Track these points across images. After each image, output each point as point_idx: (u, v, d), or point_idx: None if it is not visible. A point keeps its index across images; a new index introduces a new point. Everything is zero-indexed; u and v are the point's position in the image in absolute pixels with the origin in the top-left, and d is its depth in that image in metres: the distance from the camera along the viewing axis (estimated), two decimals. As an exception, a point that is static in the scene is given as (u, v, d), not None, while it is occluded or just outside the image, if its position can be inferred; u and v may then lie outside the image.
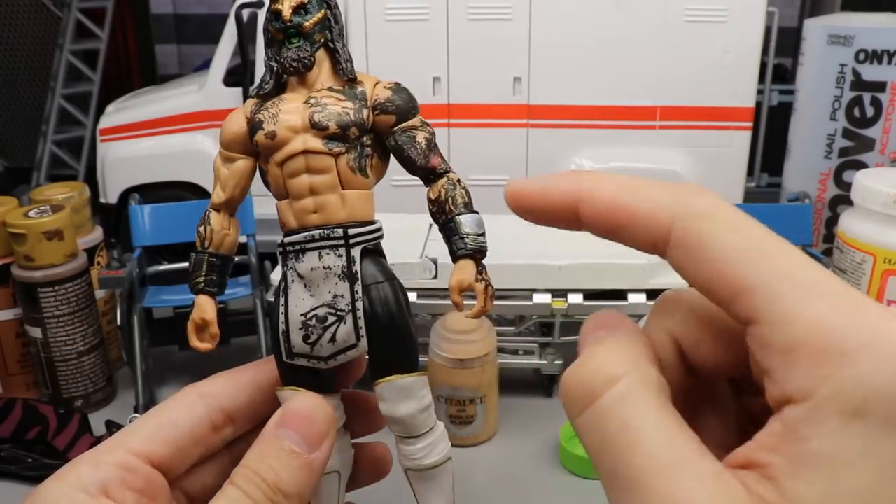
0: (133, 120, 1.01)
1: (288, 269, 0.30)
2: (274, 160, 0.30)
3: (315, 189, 0.29)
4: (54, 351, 0.67)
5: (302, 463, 0.28)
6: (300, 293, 0.30)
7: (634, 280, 0.66)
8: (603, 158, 0.93)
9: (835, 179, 0.84)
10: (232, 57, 0.97)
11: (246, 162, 0.31)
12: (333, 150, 0.29)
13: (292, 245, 0.30)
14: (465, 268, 0.31)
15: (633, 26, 0.88)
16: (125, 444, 0.28)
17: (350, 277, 0.29)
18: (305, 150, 0.29)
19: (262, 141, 0.30)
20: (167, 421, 0.29)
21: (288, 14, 0.29)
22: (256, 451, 0.28)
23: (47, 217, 0.65)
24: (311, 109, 0.29)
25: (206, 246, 0.31)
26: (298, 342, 0.30)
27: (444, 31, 0.90)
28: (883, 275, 0.69)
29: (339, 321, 0.29)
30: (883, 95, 0.80)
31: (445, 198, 0.31)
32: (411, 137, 0.30)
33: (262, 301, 0.70)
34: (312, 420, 0.28)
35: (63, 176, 1.24)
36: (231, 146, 0.31)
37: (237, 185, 0.31)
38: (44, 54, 1.37)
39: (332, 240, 0.29)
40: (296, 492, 0.27)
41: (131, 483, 0.27)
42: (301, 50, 0.30)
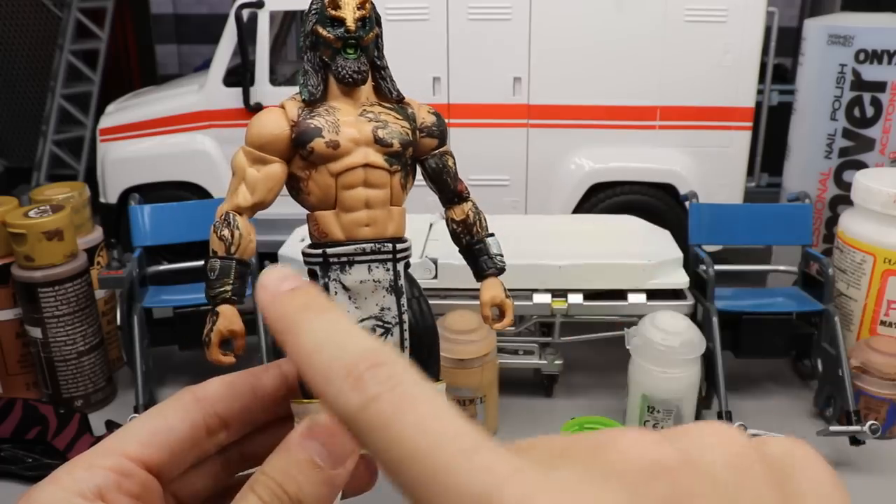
0: (133, 120, 1.01)
1: (330, 280, 0.30)
2: (329, 170, 0.29)
3: (370, 203, 0.30)
4: (54, 351, 0.67)
5: (325, 478, 0.27)
6: (345, 305, 0.30)
7: (634, 280, 0.66)
8: (603, 158, 0.93)
9: (835, 179, 0.84)
10: (232, 57, 0.97)
11: (281, 166, 0.30)
12: (392, 167, 0.30)
13: (338, 256, 0.30)
14: (495, 285, 0.33)
15: (633, 27, 0.88)
16: (121, 447, 0.28)
17: (397, 291, 0.30)
18: (367, 164, 0.29)
19: (322, 149, 0.29)
20: (163, 425, 0.29)
21: (353, 25, 0.30)
22: (279, 460, 0.27)
23: (47, 217, 0.65)
24: (374, 125, 0.30)
25: (233, 252, 0.31)
26: None
27: (444, 31, 0.90)
28: (883, 275, 0.69)
29: (387, 333, 0.30)
30: (883, 95, 0.80)
31: (473, 220, 0.33)
32: (445, 163, 0.32)
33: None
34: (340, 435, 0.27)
35: (63, 176, 1.24)
36: (266, 147, 0.30)
37: (270, 190, 0.30)
38: (44, 54, 1.37)
39: (382, 254, 0.30)
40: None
41: (127, 488, 0.27)
42: (360, 63, 0.30)
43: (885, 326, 0.70)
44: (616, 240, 0.72)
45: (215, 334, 0.30)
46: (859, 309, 0.71)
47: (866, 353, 0.64)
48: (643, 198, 0.94)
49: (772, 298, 0.71)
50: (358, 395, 0.18)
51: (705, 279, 0.67)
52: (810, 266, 0.71)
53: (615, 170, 0.93)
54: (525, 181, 0.95)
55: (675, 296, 0.67)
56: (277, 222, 0.93)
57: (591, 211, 0.94)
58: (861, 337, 0.71)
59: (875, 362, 0.64)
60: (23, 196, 0.82)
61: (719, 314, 0.65)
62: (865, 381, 0.64)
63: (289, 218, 0.95)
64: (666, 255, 0.68)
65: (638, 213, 0.83)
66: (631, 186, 0.94)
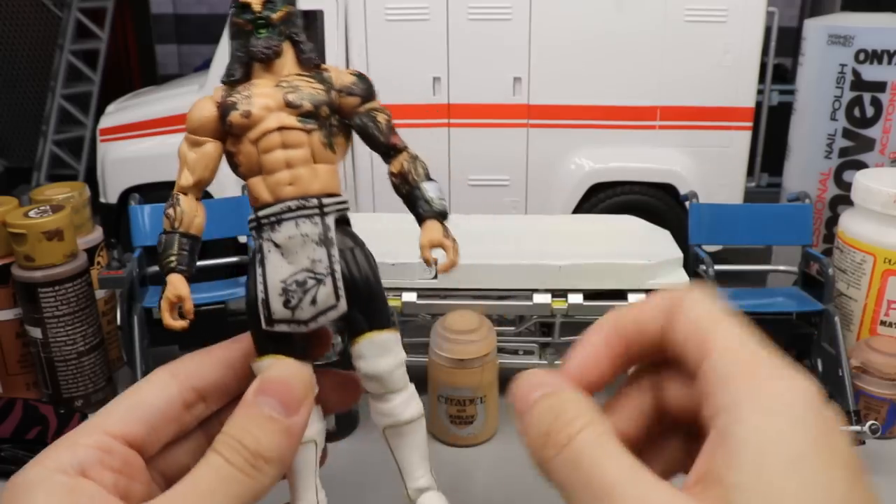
0: (133, 120, 1.01)
1: (263, 240, 0.32)
2: (248, 138, 0.32)
3: (290, 163, 0.32)
4: (54, 351, 0.67)
5: (281, 428, 0.28)
6: (277, 262, 0.31)
7: (634, 280, 0.66)
8: (603, 158, 0.93)
9: (835, 179, 0.84)
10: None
11: (214, 145, 0.33)
12: (307, 126, 0.32)
13: (268, 217, 0.32)
14: (433, 227, 0.33)
15: (633, 26, 0.88)
16: (101, 425, 0.29)
17: (327, 242, 0.31)
18: (281, 127, 0.31)
19: (237, 120, 0.32)
20: (140, 401, 0.30)
21: (258, 7, 0.32)
22: (237, 418, 0.28)
23: (47, 217, 0.65)
24: (285, 90, 0.32)
25: (177, 226, 0.33)
26: (279, 308, 0.31)
27: (444, 31, 0.90)
28: (883, 275, 0.69)
29: (319, 284, 0.31)
30: (883, 95, 0.80)
31: (407, 169, 0.34)
32: (373, 118, 0.33)
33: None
34: (290, 386, 0.29)
35: (63, 176, 1.24)
36: (199, 131, 0.33)
37: (206, 167, 0.33)
38: (44, 54, 1.37)
39: (308, 209, 0.31)
40: (276, 456, 0.28)
41: (109, 463, 0.28)
42: (270, 39, 0.32)
43: (885, 326, 0.70)
44: (616, 240, 0.72)
45: (164, 301, 0.32)
46: (859, 309, 0.71)
47: (866, 353, 0.64)
48: (643, 198, 0.94)
49: (772, 298, 0.71)
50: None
51: (705, 279, 0.67)
52: (810, 266, 0.71)
53: (615, 170, 0.93)
54: (525, 181, 0.95)
55: (675, 296, 0.67)
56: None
57: (591, 211, 0.94)
58: (861, 337, 0.71)
59: (875, 362, 0.64)
60: (23, 196, 0.82)
61: (719, 314, 0.65)
62: (865, 381, 0.64)
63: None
64: (666, 255, 0.68)
65: (638, 213, 0.83)
66: (631, 186, 0.94)
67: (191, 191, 0.33)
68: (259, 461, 0.27)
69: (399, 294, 0.66)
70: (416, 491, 0.34)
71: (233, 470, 0.27)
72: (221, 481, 0.27)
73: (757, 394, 0.23)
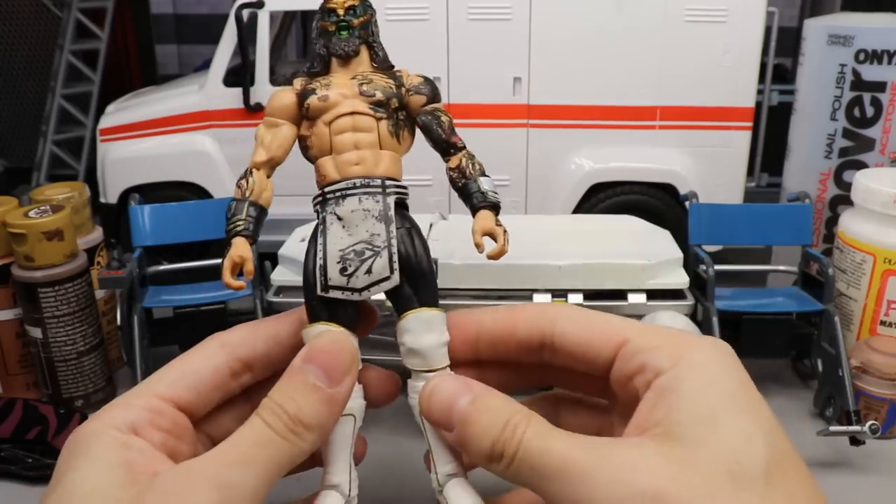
0: (133, 120, 1.01)
1: (327, 213, 0.34)
2: (323, 120, 0.35)
3: (358, 145, 0.35)
4: (54, 351, 0.67)
5: (323, 397, 0.30)
6: (339, 232, 0.34)
7: (634, 280, 0.66)
8: (603, 158, 0.93)
9: (835, 179, 0.84)
10: (232, 57, 0.97)
11: (290, 128, 0.36)
12: (377, 114, 0.35)
13: (334, 192, 0.34)
14: (486, 217, 0.36)
15: (633, 26, 0.88)
16: (153, 389, 0.31)
17: (386, 219, 0.34)
18: (353, 112, 0.35)
19: (315, 103, 0.35)
20: (190, 369, 0.32)
21: (342, 12, 0.36)
22: (282, 384, 0.30)
23: (47, 217, 0.65)
24: (360, 81, 0.36)
25: (248, 195, 0.35)
26: (335, 274, 0.33)
27: (444, 31, 0.90)
28: (883, 275, 0.69)
29: (376, 255, 0.34)
30: (883, 95, 0.80)
31: (465, 165, 0.37)
32: (437, 117, 0.37)
33: (262, 301, 0.70)
34: (336, 356, 0.31)
35: (63, 176, 1.24)
36: (277, 114, 0.36)
37: (280, 146, 0.36)
38: (44, 54, 1.37)
39: (371, 188, 0.34)
40: (316, 423, 0.29)
41: (159, 423, 0.30)
42: (350, 40, 0.36)
43: (885, 326, 0.70)
44: (616, 240, 0.72)
45: (228, 260, 0.34)
46: (859, 309, 0.71)
47: (866, 353, 0.64)
48: (643, 198, 0.94)
49: (772, 298, 0.71)
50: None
51: (705, 279, 0.67)
52: (810, 266, 0.71)
53: (615, 170, 0.93)
54: (525, 181, 0.95)
55: (675, 296, 0.67)
56: (277, 222, 0.93)
57: (591, 211, 0.94)
58: (861, 337, 0.71)
59: (875, 362, 0.64)
60: (23, 196, 0.82)
61: (719, 314, 0.65)
62: (865, 381, 0.64)
63: (289, 218, 0.95)
64: (666, 255, 0.68)
65: (638, 213, 0.83)
66: (631, 186, 0.94)
67: (263, 167, 0.36)
68: (299, 427, 0.29)
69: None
70: (445, 476, 0.34)
71: (272, 433, 0.28)
72: (260, 443, 0.28)
73: (683, 358, 0.28)
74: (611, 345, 0.30)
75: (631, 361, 0.29)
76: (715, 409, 0.26)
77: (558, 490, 0.26)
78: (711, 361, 0.28)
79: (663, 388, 0.28)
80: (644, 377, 0.29)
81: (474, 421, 0.29)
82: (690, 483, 0.25)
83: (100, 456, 0.28)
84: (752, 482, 0.25)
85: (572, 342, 0.32)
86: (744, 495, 0.24)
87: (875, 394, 0.64)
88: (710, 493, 0.24)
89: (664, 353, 0.29)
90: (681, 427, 0.26)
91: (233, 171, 0.97)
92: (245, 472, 0.27)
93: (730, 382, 0.28)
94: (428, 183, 0.92)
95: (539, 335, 0.33)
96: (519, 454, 0.27)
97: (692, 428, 0.26)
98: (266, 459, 0.28)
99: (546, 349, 0.33)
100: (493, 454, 0.28)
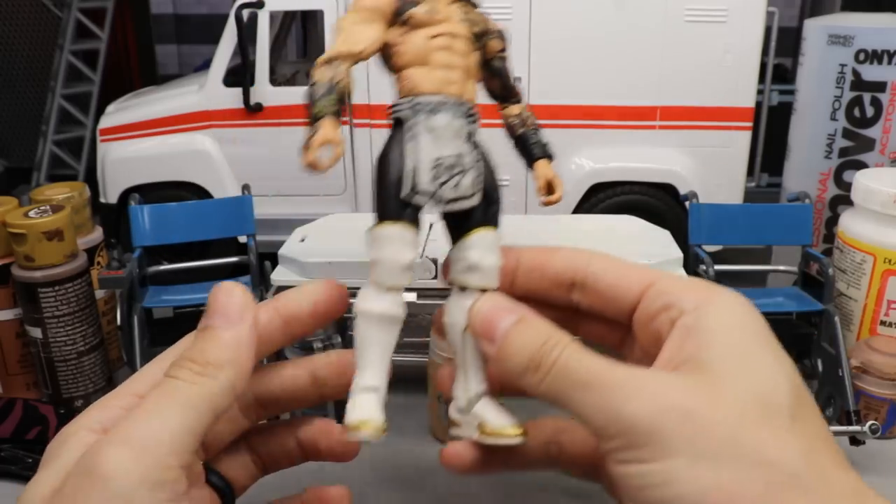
0: (133, 120, 1.01)
1: (418, 122, 0.34)
2: (425, 33, 0.35)
3: (452, 66, 0.35)
4: (54, 351, 0.67)
5: (225, 335, 0.31)
6: (430, 143, 0.34)
7: (634, 280, 0.66)
8: (603, 158, 0.93)
9: (835, 179, 0.84)
10: (232, 57, 0.97)
11: (380, 27, 0.35)
12: (475, 44, 0.36)
13: (428, 103, 0.34)
14: (546, 165, 0.40)
15: (633, 27, 0.89)
16: (132, 389, 0.31)
17: (472, 142, 0.35)
18: (454, 34, 0.35)
19: (421, 15, 0.35)
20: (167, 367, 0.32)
21: None
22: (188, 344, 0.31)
23: (47, 217, 0.65)
24: (464, 10, 0.36)
25: (335, 81, 0.34)
26: (426, 180, 0.33)
27: (444, 31, 0.90)
28: (883, 275, 0.69)
29: (464, 173, 0.34)
30: (883, 95, 0.80)
31: (527, 115, 0.40)
32: (507, 65, 0.39)
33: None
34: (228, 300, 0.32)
35: (63, 176, 1.24)
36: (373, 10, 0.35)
37: (373, 44, 0.35)
38: (44, 54, 1.37)
39: (461, 109, 0.35)
40: (225, 360, 0.30)
41: None
42: None
43: (885, 326, 0.70)
44: (616, 240, 0.72)
45: (317, 138, 0.33)
46: (859, 309, 0.71)
47: (866, 353, 0.64)
48: (643, 198, 0.94)
49: (772, 298, 0.71)
50: None
51: (705, 279, 0.67)
52: (810, 266, 0.71)
53: (615, 170, 0.94)
54: (525, 181, 0.95)
55: (675, 296, 0.67)
56: (278, 222, 0.93)
57: (591, 211, 0.95)
58: (861, 337, 0.71)
59: (875, 362, 0.64)
60: (23, 196, 0.82)
61: (719, 314, 0.65)
62: (865, 381, 0.64)
63: (289, 218, 0.95)
64: (666, 255, 0.68)
65: (638, 213, 0.83)
66: (631, 186, 0.94)
67: (350, 59, 0.35)
68: (207, 367, 0.29)
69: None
70: (476, 396, 0.35)
71: (178, 382, 0.29)
72: (166, 392, 0.28)
73: (709, 301, 0.29)
74: (639, 286, 0.32)
75: (657, 301, 0.31)
76: (744, 347, 0.28)
77: (589, 399, 0.27)
78: (735, 306, 0.29)
79: (690, 327, 0.28)
80: (669, 315, 0.30)
81: (518, 333, 0.30)
82: (723, 407, 0.26)
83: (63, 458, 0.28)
84: (780, 416, 0.26)
85: (603, 281, 0.33)
86: (775, 423, 0.26)
87: (875, 394, 0.64)
88: (741, 419, 0.26)
89: (690, 296, 0.30)
90: (711, 362, 0.27)
91: (233, 170, 0.97)
92: (155, 426, 0.27)
93: (754, 325, 0.29)
94: (428, 183, 0.92)
95: (573, 272, 0.34)
96: (557, 365, 0.28)
97: (722, 363, 0.27)
98: (177, 407, 0.28)
99: (576, 288, 0.34)
100: (530, 365, 0.29)
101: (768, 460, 0.25)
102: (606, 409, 0.27)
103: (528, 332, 0.30)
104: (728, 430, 0.25)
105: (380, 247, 0.33)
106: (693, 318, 0.29)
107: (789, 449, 0.25)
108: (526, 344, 0.30)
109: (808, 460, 0.25)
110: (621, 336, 0.34)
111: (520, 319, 0.30)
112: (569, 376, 0.28)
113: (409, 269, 0.33)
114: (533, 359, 0.29)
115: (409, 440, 0.65)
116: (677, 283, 0.31)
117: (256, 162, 0.95)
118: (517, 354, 0.30)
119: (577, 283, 0.34)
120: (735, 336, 0.28)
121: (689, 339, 0.28)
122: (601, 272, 0.33)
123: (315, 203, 1.02)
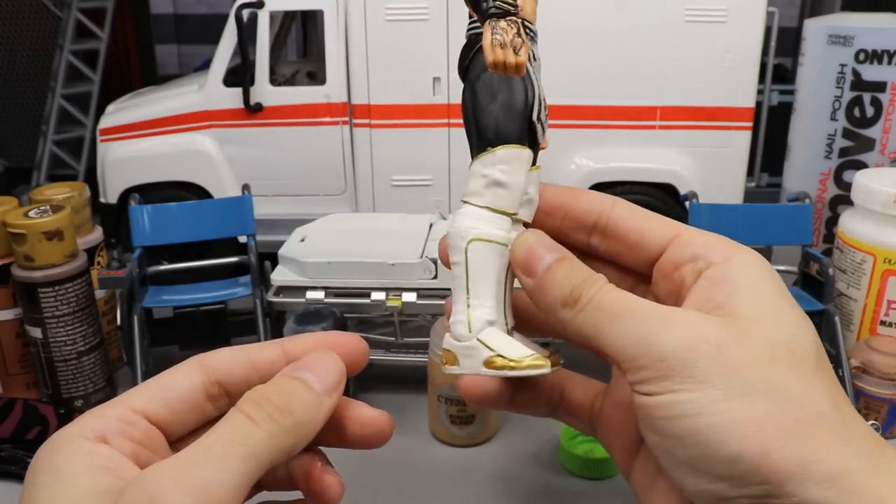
0: (133, 120, 1.01)
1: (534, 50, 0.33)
2: None
3: None
4: (54, 351, 0.67)
5: (314, 396, 0.29)
6: (537, 69, 0.33)
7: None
8: (603, 158, 0.93)
9: (835, 179, 0.84)
10: (232, 57, 0.97)
11: None
12: None
13: (535, 33, 0.33)
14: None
15: (632, 26, 0.89)
16: (127, 401, 0.30)
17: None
18: None
19: None
20: (166, 384, 0.31)
21: None
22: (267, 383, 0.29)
23: (47, 217, 0.65)
24: None
25: None
26: (541, 108, 0.32)
27: (444, 31, 0.90)
28: (883, 275, 0.69)
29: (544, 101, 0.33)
30: (883, 95, 0.80)
31: None
32: None
33: (262, 301, 0.70)
34: (331, 368, 0.30)
35: (63, 176, 1.24)
36: None
37: None
38: (44, 54, 1.37)
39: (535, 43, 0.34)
40: (303, 419, 0.28)
41: (131, 434, 0.29)
42: None
43: (885, 326, 0.70)
44: (616, 240, 0.72)
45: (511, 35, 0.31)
46: (859, 309, 0.71)
47: (866, 353, 0.64)
48: (643, 198, 0.94)
49: (772, 298, 0.71)
50: None
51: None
52: (810, 266, 0.71)
53: (615, 170, 0.93)
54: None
55: (675, 296, 0.67)
56: (278, 222, 0.93)
57: (591, 211, 0.94)
58: (861, 337, 0.71)
59: (875, 362, 0.64)
60: (23, 196, 0.82)
61: (719, 314, 0.65)
62: (865, 381, 0.64)
63: (289, 218, 0.95)
64: (666, 255, 0.68)
65: (638, 213, 0.83)
66: (631, 186, 0.94)
67: None
68: (286, 419, 0.27)
69: (399, 294, 0.66)
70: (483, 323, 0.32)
71: (252, 426, 0.26)
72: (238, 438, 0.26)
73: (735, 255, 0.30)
74: (664, 235, 0.32)
75: (684, 251, 0.31)
76: (772, 299, 0.29)
77: (624, 329, 0.28)
78: (760, 262, 0.30)
79: (718, 278, 0.29)
80: (695, 266, 0.30)
81: (559, 269, 0.31)
82: (755, 347, 0.27)
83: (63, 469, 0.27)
84: (805, 362, 0.28)
85: (627, 226, 0.33)
86: (801, 368, 0.27)
87: (875, 394, 0.64)
88: (771, 360, 0.27)
89: (716, 250, 0.31)
90: (742, 308, 0.28)
91: (233, 170, 0.97)
92: (221, 471, 0.25)
93: (779, 282, 0.30)
94: (428, 183, 0.92)
95: (597, 213, 0.34)
96: (594, 300, 0.29)
97: (752, 310, 0.28)
98: (245, 456, 0.25)
99: (597, 231, 0.34)
100: (568, 300, 0.30)
101: (797, 399, 0.26)
102: (640, 340, 0.27)
103: (570, 269, 0.31)
104: (760, 368, 0.26)
105: (511, 169, 0.31)
106: (720, 270, 0.30)
107: (815, 391, 0.27)
108: (567, 278, 0.30)
109: (833, 403, 0.27)
110: (632, 284, 0.34)
111: (562, 258, 0.31)
112: (604, 309, 0.29)
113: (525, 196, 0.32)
114: (572, 293, 0.30)
115: (409, 440, 0.65)
116: (704, 236, 0.32)
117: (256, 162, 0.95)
118: (557, 288, 0.30)
119: (600, 226, 0.34)
120: (763, 289, 0.29)
121: (718, 288, 0.29)
122: (624, 218, 0.33)
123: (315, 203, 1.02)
